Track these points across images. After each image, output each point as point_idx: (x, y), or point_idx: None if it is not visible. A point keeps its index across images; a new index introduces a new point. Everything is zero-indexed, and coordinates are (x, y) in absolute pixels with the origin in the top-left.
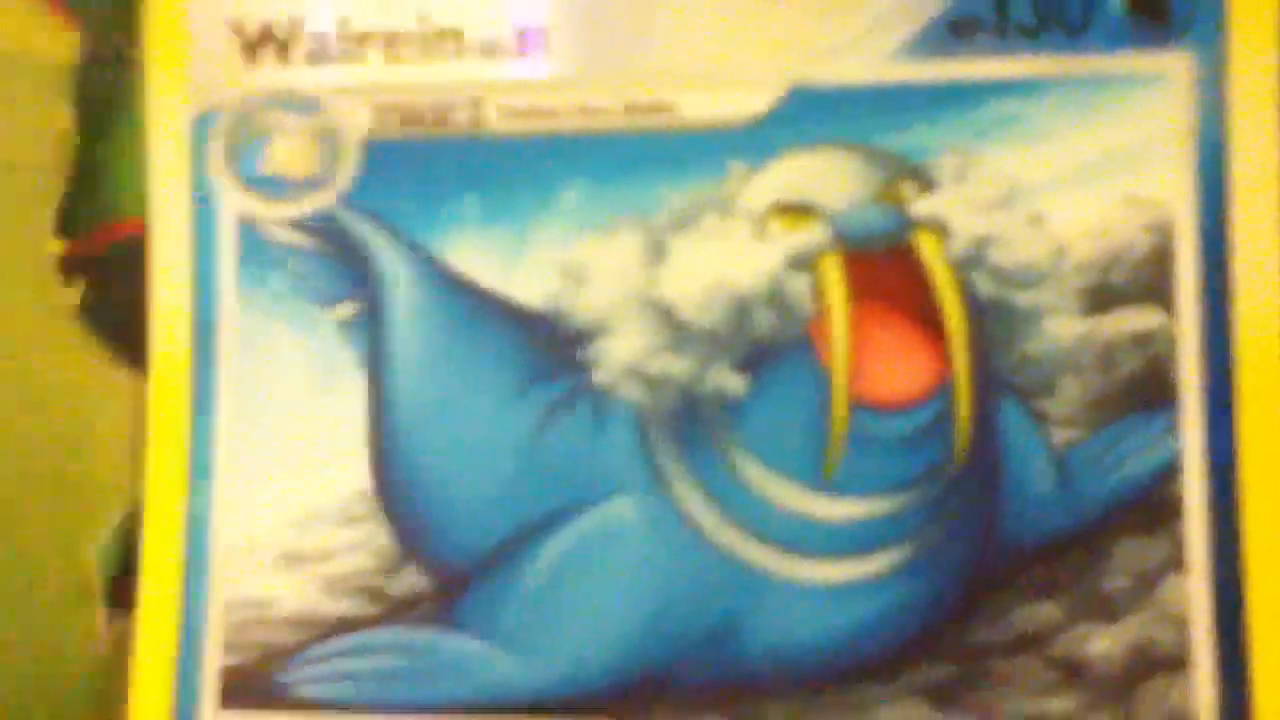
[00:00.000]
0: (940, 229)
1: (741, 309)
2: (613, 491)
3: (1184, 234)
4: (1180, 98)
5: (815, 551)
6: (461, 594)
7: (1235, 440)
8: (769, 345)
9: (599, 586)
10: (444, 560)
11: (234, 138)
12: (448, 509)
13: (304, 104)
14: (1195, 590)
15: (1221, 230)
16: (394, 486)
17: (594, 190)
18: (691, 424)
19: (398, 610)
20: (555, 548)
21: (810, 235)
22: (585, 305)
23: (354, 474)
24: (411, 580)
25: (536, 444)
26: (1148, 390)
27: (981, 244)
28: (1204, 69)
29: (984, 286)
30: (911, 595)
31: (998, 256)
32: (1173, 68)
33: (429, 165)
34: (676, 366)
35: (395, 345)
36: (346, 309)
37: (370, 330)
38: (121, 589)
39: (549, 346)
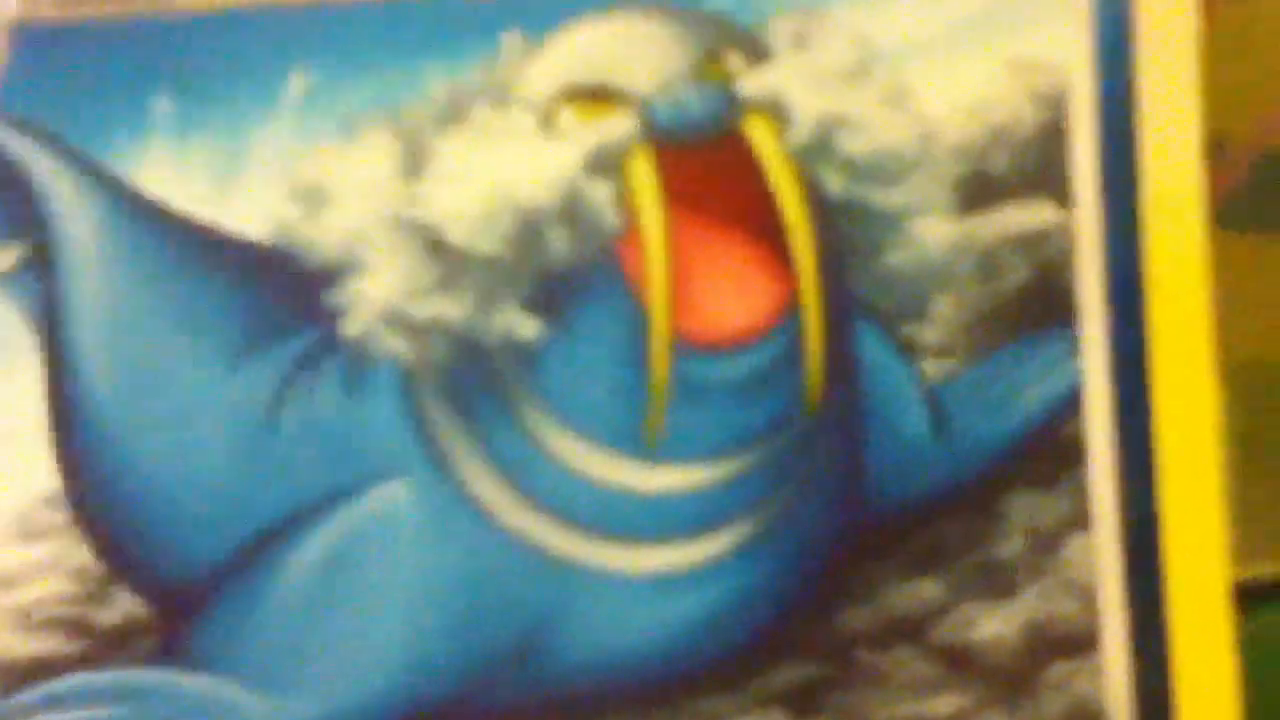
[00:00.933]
0: (776, 111)
1: (529, 228)
2: (377, 476)
3: (1080, 106)
4: None
5: (638, 534)
6: (191, 621)
7: (1147, 363)
8: (568, 274)
9: (368, 598)
10: (165, 579)
11: None
12: (163, 513)
13: None
14: (1103, 552)
15: (1125, 100)
16: (89, 487)
17: (327, 80)
18: (475, 382)
19: (110, 646)
20: (308, 552)
21: (613, 127)
22: (325, 234)
23: (33, 473)
24: (125, 607)
25: (272, 421)
26: (1040, 305)
27: (829, 128)
28: None
29: (833, 183)
30: (759, 581)
31: (850, 143)
32: None
33: (104, 55)
34: (450, 308)
35: (76, 301)
36: (5, 256)
37: (41, 282)
38: None
39: (281, 292)
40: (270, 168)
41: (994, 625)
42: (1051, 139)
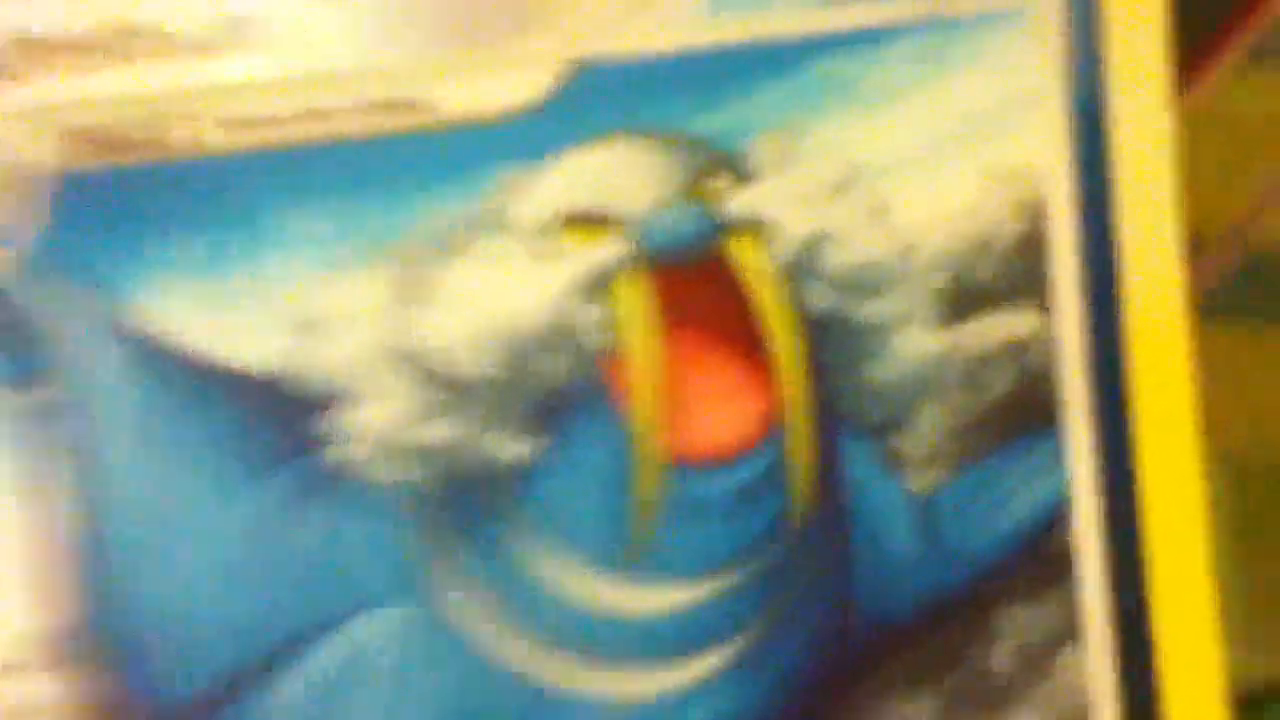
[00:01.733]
0: (760, 230)
1: (522, 352)
2: (364, 607)
3: (1058, 212)
4: (1047, 39)
5: (624, 657)
6: None
7: (1134, 467)
8: (559, 397)
9: None
10: (146, 714)
11: None
12: (149, 645)
13: None
14: (1096, 665)
15: (1103, 203)
16: (82, 623)
17: (328, 215)
18: (465, 507)
19: None
20: (292, 687)
21: (604, 250)
22: (324, 364)
23: (16, 611)
24: None
25: (268, 549)
26: (1025, 412)
27: (812, 245)
28: (1076, 1)
29: (818, 298)
30: (749, 700)
31: (833, 259)
32: (1036, 2)
33: (111, 199)
34: (445, 433)
35: (79, 441)
36: (19, 399)
37: (49, 423)
38: None
39: (282, 421)
40: (272, 301)
41: None
42: (1032, 246)
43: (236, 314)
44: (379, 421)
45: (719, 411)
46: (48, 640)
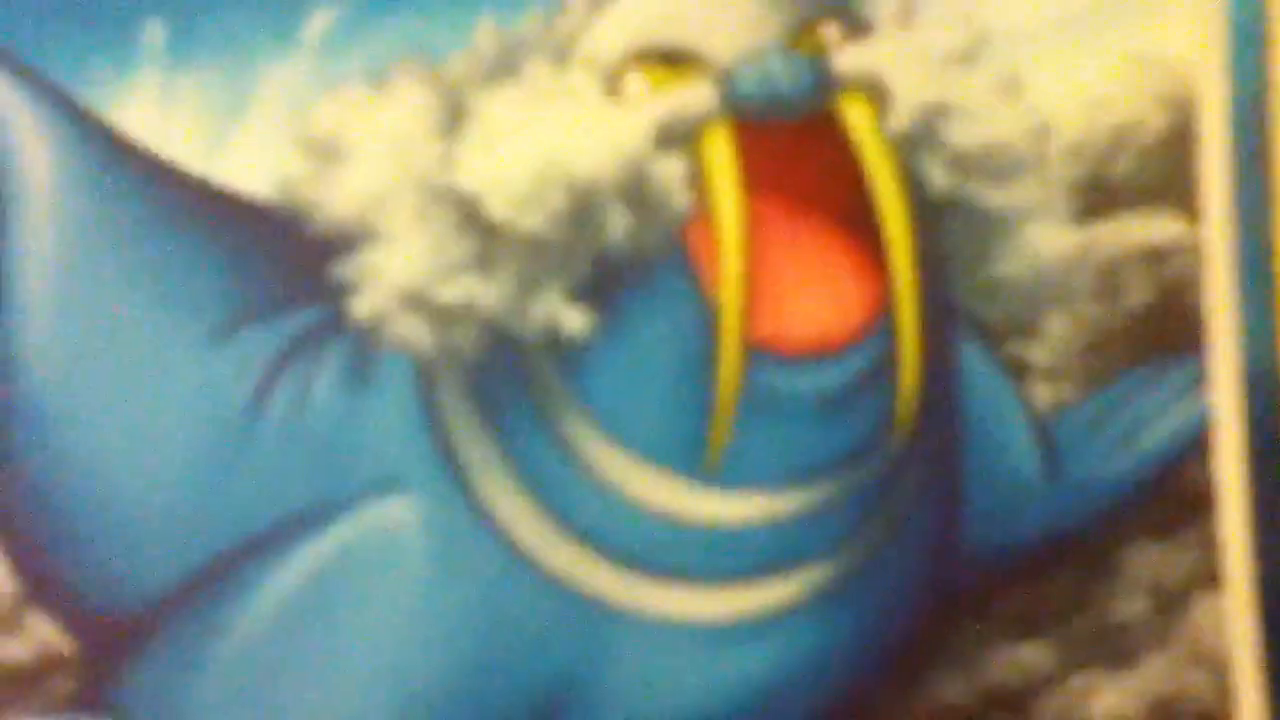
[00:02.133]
0: (875, 92)
1: (584, 206)
2: (379, 489)
3: (1210, 110)
4: None
5: (693, 573)
6: (124, 660)
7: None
8: (626, 262)
9: (355, 642)
10: (97, 607)
11: None
12: (103, 526)
13: None
14: (1235, 615)
15: (1260, 106)
16: (13, 490)
17: (357, 17)
18: (505, 381)
19: (20, 686)
20: (284, 581)
21: (688, 97)
22: (339, 195)
23: None
24: (42, 638)
25: (256, 414)
26: (1165, 329)
27: (933, 115)
28: None
29: (937, 176)
30: (835, 637)
31: (956, 133)
32: None
33: None
34: (483, 292)
35: (24, 258)
36: None
37: None
38: None
39: (279, 260)
40: (279, 115)
41: (1111, 700)
42: (1178, 145)
43: (233, 125)
44: (402, 269)
45: (816, 295)
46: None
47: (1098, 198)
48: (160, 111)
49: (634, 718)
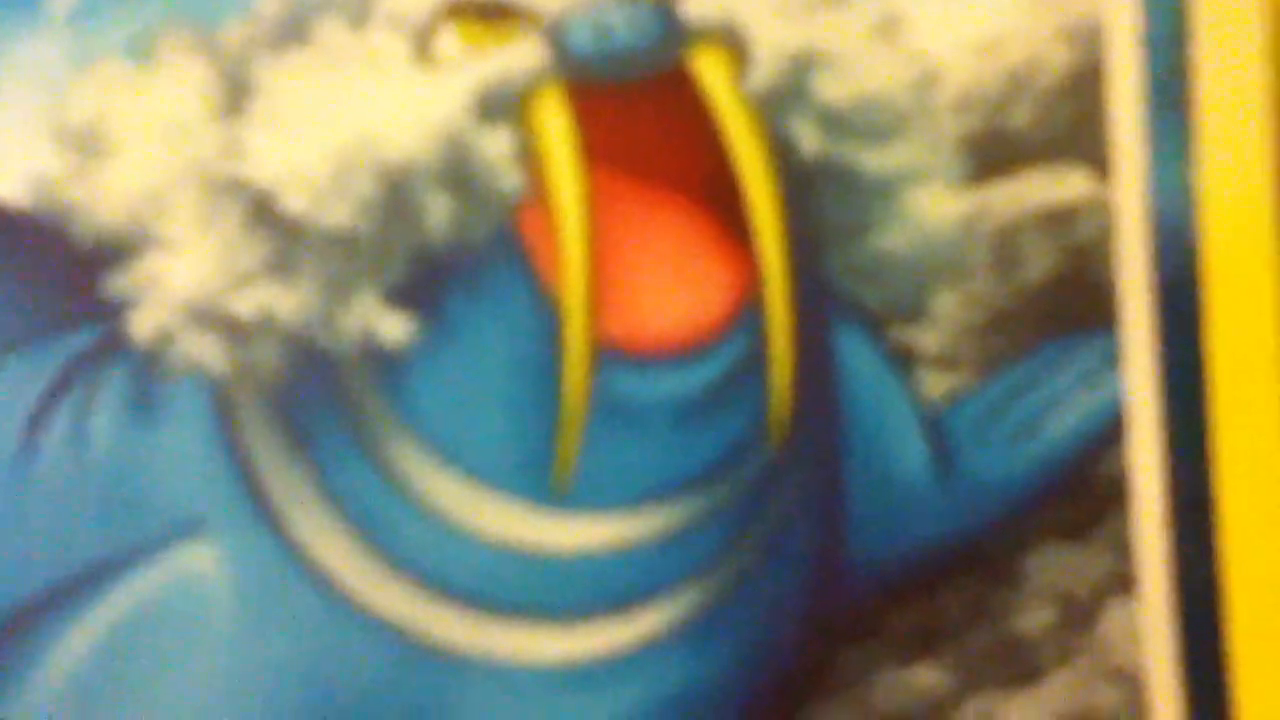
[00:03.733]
0: (732, 43)
1: (397, 193)
2: (181, 532)
3: (1120, 44)
4: None
5: (545, 610)
6: None
7: (1205, 377)
8: (449, 257)
9: (170, 701)
10: None
11: None
12: None
13: None
14: (1152, 624)
15: (1177, 38)
16: None
17: None
18: (315, 402)
19: None
20: (68, 648)
21: (513, 57)
22: (107, 195)
23: None
24: None
25: (31, 452)
26: (1071, 303)
27: (799, 66)
28: None
29: (806, 138)
30: (708, 671)
31: (827, 87)
32: None
33: None
34: (283, 300)
35: None
36: None
37: None
38: None
39: (44, 275)
40: (29, 103)
41: None
42: (1085, 87)
43: None
44: (187, 279)
45: (672, 285)
46: None
47: (992, 154)
48: None
49: None
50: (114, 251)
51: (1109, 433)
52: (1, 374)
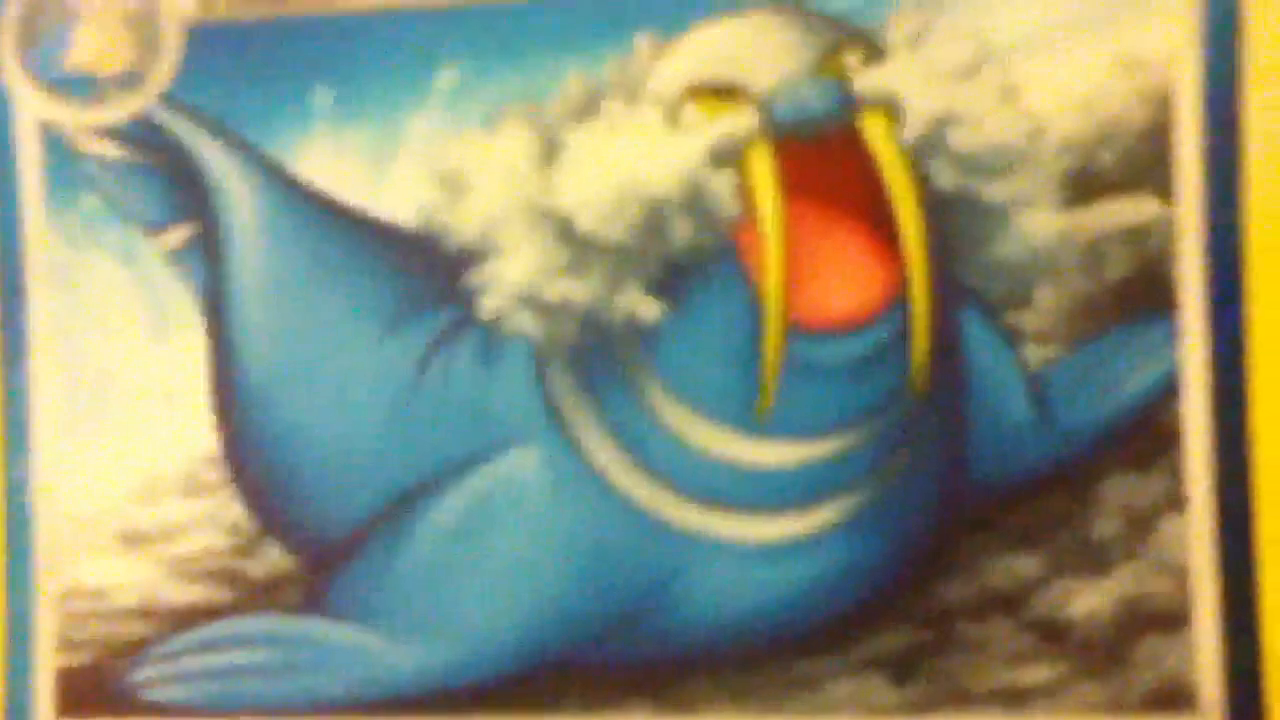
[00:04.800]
0: (891, 107)
1: (654, 217)
2: (508, 443)
3: (1185, 104)
4: None
5: (749, 505)
6: (335, 574)
7: (1244, 351)
8: (689, 260)
9: (497, 555)
10: (311, 535)
11: (27, 27)
12: (312, 474)
13: None
14: (1197, 533)
15: (1230, 98)
16: (246, 449)
17: (472, 75)
18: (599, 359)
19: (259, 596)
20: (443, 513)
21: (734, 121)
22: (466, 219)
23: (197, 436)
24: (273, 560)
25: (414, 391)
26: (1141, 295)
27: (941, 124)
28: None
29: (945, 176)
30: (863, 551)
31: (961, 139)
32: None
33: (268, 51)
34: (578, 290)
35: (238, 277)
36: (177, 235)
37: (208, 260)
38: None
39: (425, 271)
40: (418, 156)
41: (1089, 601)
42: (1157, 135)
43: (384, 168)
44: (517, 275)
45: (843, 281)
46: (188, 470)
47: (1084, 186)
48: (330, 159)
49: (702, 616)
50: (470, 257)
51: (1167, 391)
52: (400, 334)
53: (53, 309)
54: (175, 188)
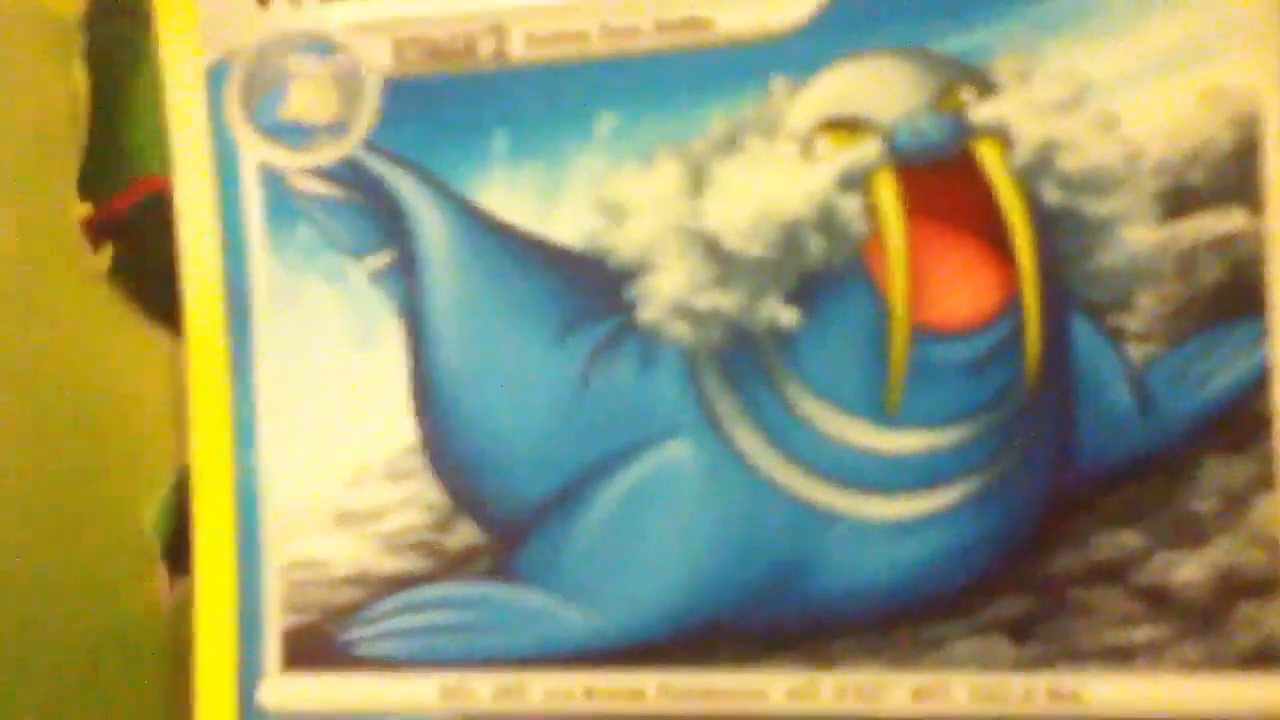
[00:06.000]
0: (1002, 136)
1: (790, 236)
2: (665, 435)
3: (1271, 126)
4: None
5: (881, 487)
6: (519, 546)
7: None
8: (822, 273)
9: (657, 532)
10: (497, 513)
11: (250, 85)
12: (497, 460)
13: (320, 45)
14: None
15: None
16: (440, 440)
17: (629, 118)
18: (743, 361)
19: (454, 565)
20: (610, 494)
21: (861, 152)
22: (626, 241)
23: (399, 429)
24: (466, 535)
25: (583, 389)
26: (1232, 298)
27: (1047, 150)
28: None
29: (1051, 196)
30: (984, 527)
31: (1066, 163)
32: None
33: (454, 102)
34: (725, 300)
35: (432, 294)
36: (379, 259)
37: (405, 280)
38: (181, 550)
39: (590, 287)
40: (582, 188)
41: (1188, 570)
42: (1244, 155)
43: (554, 199)
44: (670, 289)
45: (962, 290)
46: (390, 459)
47: (1178, 202)
48: (507, 194)
49: (839, 586)
50: (629, 274)
51: (1258, 383)
52: (569, 341)
53: (273, 324)
54: (377, 219)
